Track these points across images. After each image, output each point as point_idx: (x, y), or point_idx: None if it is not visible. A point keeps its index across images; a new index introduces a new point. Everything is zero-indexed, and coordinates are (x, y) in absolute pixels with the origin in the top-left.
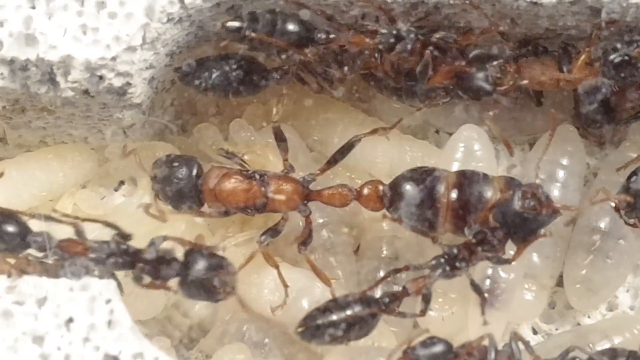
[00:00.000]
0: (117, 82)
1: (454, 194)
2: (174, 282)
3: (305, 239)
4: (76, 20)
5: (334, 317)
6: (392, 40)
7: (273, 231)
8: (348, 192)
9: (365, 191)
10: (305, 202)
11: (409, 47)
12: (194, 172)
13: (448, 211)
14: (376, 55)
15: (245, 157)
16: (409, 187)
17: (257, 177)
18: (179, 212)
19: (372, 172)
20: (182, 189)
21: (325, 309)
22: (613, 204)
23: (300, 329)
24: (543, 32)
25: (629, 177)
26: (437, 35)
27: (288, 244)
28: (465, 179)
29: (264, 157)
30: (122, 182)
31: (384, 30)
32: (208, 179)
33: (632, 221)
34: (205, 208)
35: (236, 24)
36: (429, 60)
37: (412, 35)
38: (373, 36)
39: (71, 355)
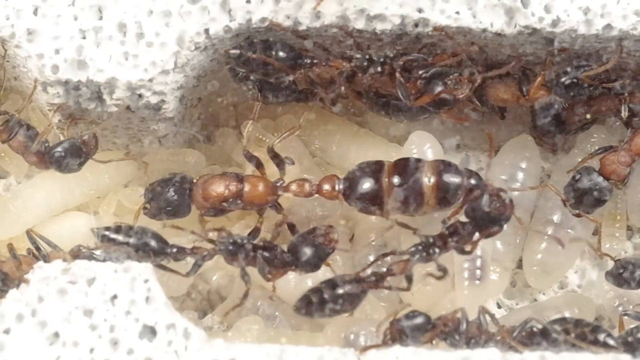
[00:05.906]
0: (154, 100)
1: (395, 179)
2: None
3: (280, 225)
4: (119, 49)
5: (325, 296)
6: (365, 63)
7: (254, 231)
8: (309, 185)
9: (324, 184)
10: (275, 196)
11: (379, 69)
12: (186, 185)
13: (391, 193)
14: (357, 77)
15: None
16: (358, 177)
17: (235, 177)
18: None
19: None
20: (179, 203)
21: (318, 289)
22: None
23: (295, 306)
24: (506, 58)
25: (573, 177)
26: (403, 58)
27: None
28: (402, 165)
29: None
30: None
31: (358, 55)
32: (197, 186)
33: (576, 212)
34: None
35: (237, 51)
36: (401, 81)
37: (381, 59)
38: (349, 60)
39: (115, 326)
